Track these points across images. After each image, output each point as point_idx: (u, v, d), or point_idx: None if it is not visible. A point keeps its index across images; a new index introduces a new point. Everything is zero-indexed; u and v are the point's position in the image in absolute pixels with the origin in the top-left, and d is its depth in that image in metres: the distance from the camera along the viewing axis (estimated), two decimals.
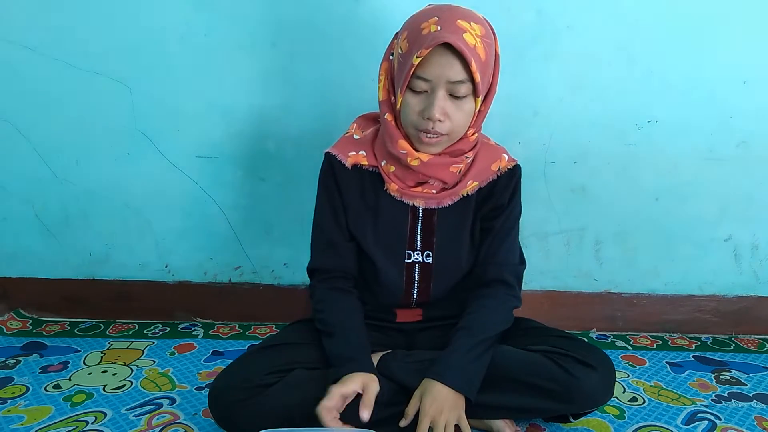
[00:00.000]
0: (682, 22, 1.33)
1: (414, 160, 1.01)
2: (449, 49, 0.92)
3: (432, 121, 0.96)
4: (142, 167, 1.44)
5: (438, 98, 0.95)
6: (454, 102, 0.96)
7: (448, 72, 0.93)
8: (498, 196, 1.10)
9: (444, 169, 1.03)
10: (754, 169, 1.43)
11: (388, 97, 1.04)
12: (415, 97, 0.97)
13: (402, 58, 0.98)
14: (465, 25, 0.93)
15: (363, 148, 1.08)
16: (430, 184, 1.05)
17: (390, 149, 1.03)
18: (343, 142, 1.11)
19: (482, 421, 1.07)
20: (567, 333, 1.12)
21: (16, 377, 1.25)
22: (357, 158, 1.07)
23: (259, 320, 1.56)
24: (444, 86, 0.95)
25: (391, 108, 1.03)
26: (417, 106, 0.97)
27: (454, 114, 0.97)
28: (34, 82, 1.37)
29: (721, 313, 1.54)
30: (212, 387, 0.98)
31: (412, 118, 0.98)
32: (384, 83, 1.04)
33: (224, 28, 1.34)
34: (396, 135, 1.02)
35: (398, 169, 1.05)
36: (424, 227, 1.09)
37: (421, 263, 1.10)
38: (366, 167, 1.08)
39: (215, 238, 1.50)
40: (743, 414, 1.16)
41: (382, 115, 1.04)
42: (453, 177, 1.05)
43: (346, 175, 1.08)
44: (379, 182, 1.08)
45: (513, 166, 1.11)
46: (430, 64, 0.93)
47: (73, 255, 1.52)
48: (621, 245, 1.50)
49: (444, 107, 0.96)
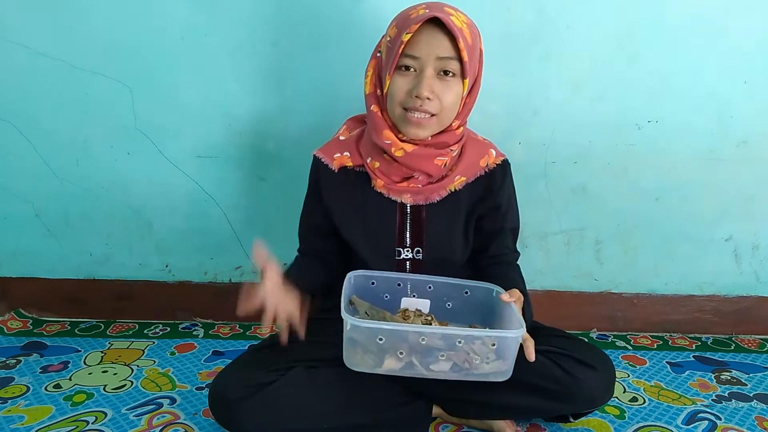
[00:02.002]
0: (682, 22, 1.33)
1: (398, 150, 1.01)
2: (438, 26, 0.94)
3: (420, 99, 0.96)
4: (142, 167, 1.44)
5: (427, 76, 0.96)
6: (442, 81, 0.97)
7: (436, 48, 0.95)
8: (495, 197, 1.10)
9: (429, 161, 1.03)
10: (754, 169, 1.43)
11: (374, 89, 1.04)
12: (404, 78, 0.98)
13: (390, 43, 0.99)
14: (452, 11, 0.97)
15: (347, 149, 1.09)
16: (415, 179, 1.05)
17: (375, 140, 1.03)
18: (329, 144, 1.12)
19: (483, 421, 1.07)
20: (567, 333, 1.12)
21: (16, 377, 1.25)
22: (342, 160, 1.08)
23: (259, 320, 1.55)
24: (432, 64, 0.96)
25: (377, 100, 1.04)
26: (406, 85, 0.98)
27: (443, 93, 0.97)
28: (34, 82, 1.37)
29: (722, 313, 1.54)
30: (212, 386, 0.98)
31: (401, 98, 0.98)
32: (371, 77, 1.04)
33: (224, 28, 1.34)
34: (381, 125, 1.02)
35: (383, 164, 1.05)
36: (413, 224, 1.09)
37: (411, 260, 1.10)
38: (352, 167, 1.09)
39: (215, 238, 1.50)
40: (743, 414, 1.16)
41: (368, 108, 1.04)
42: (438, 170, 1.05)
43: (330, 178, 1.09)
44: (366, 181, 1.08)
45: (501, 161, 1.11)
46: (419, 41, 0.95)
47: (74, 255, 1.52)
48: (621, 245, 1.50)
49: (432, 85, 0.96)
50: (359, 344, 0.87)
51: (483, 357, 0.87)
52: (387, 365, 0.87)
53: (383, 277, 1.04)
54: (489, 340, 0.86)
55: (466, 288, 1.04)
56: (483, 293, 1.03)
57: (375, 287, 1.04)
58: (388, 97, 1.00)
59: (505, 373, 0.88)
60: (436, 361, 0.87)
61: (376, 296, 1.03)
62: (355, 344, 0.87)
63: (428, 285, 1.04)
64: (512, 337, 0.86)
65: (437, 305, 1.03)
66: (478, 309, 1.03)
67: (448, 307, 1.04)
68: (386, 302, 1.04)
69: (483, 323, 1.02)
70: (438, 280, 1.05)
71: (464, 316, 1.03)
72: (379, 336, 0.85)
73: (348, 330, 0.85)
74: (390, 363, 0.86)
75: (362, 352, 0.87)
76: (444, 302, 1.04)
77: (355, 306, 1.00)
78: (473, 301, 1.04)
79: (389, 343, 0.85)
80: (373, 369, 0.87)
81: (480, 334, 0.87)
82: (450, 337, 0.86)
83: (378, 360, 0.87)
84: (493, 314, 1.01)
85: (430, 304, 1.03)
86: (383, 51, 1.02)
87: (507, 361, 0.87)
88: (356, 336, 0.86)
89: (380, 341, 0.85)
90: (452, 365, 0.87)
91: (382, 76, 1.02)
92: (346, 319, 0.85)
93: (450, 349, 0.86)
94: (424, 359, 0.87)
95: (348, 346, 0.87)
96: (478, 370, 0.87)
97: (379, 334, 0.85)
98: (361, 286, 1.03)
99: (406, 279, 1.05)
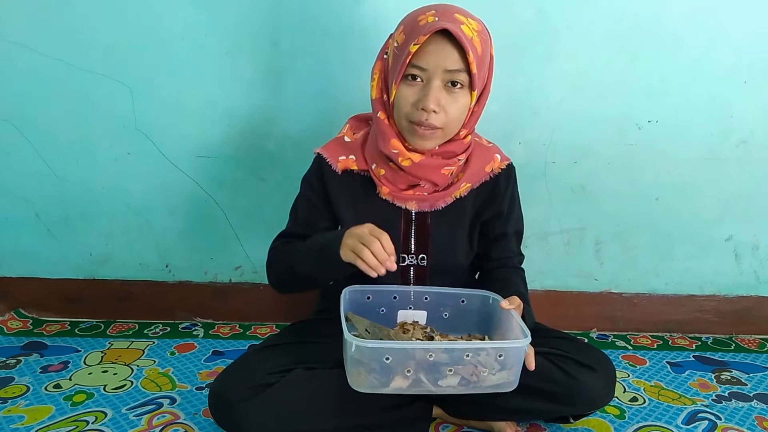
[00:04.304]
0: (682, 22, 1.33)
1: (405, 160, 1.00)
2: (447, 38, 0.92)
3: (426, 112, 0.95)
4: (142, 167, 1.44)
5: (433, 88, 0.94)
6: (449, 94, 0.96)
7: (444, 60, 0.93)
8: (499, 203, 1.10)
9: (435, 171, 1.02)
10: (754, 169, 1.43)
11: (381, 95, 1.03)
12: (410, 88, 0.96)
13: (398, 50, 0.97)
14: (462, 18, 0.94)
15: (353, 153, 1.07)
16: (421, 186, 1.05)
17: (382, 148, 1.02)
18: (334, 144, 1.10)
19: (484, 422, 1.07)
20: (567, 334, 1.12)
21: (16, 377, 1.25)
22: (347, 163, 1.07)
23: (259, 320, 1.56)
24: (440, 76, 0.94)
25: (383, 106, 1.02)
26: (412, 97, 0.96)
27: (449, 106, 0.96)
28: (34, 82, 1.37)
29: (722, 313, 1.54)
30: (212, 387, 0.98)
31: (406, 110, 0.97)
32: (377, 81, 1.03)
33: (224, 28, 1.34)
34: (389, 133, 1.00)
35: (389, 172, 1.04)
36: (417, 231, 1.08)
37: (415, 266, 1.10)
38: (357, 171, 1.08)
39: (215, 238, 1.50)
40: (744, 414, 1.16)
41: (375, 114, 1.03)
42: (444, 179, 1.04)
43: (335, 179, 1.07)
44: (371, 186, 1.07)
45: (506, 165, 1.11)
46: (427, 52, 0.93)
47: (74, 255, 1.52)
48: (621, 245, 1.50)
49: (439, 98, 0.95)
50: (364, 365, 0.84)
51: (490, 368, 0.86)
52: (395, 384, 0.85)
53: (378, 291, 1.02)
54: (495, 352, 0.86)
55: (462, 297, 1.03)
56: (479, 301, 1.03)
57: (370, 301, 1.02)
58: (394, 106, 0.99)
59: (511, 384, 0.88)
60: (443, 377, 0.85)
61: (371, 310, 1.02)
62: (359, 365, 0.84)
63: (424, 296, 1.03)
64: (519, 348, 0.86)
65: (434, 315, 1.03)
66: (475, 317, 1.03)
67: (445, 317, 1.04)
68: (382, 316, 1.02)
69: (481, 332, 1.02)
70: (434, 290, 1.03)
71: (462, 326, 1.03)
72: (386, 355, 0.83)
73: (353, 351, 0.82)
74: (398, 382, 0.85)
75: (367, 372, 0.84)
76: (441, 312, 1.03)
77: (353, 323, 0.98)
78: (470, 310, 1.03)
79: (396, 361, 0.83)
80: (380, 389, 0.85)
81: (486, 345, 0.87)
82: (457, 351, 0.85)
83: (385, 379, 0.84)
84: (491, 322, 1.00)
85: (427, 314, 1.02)
86: (390, 56, 1.00)
87: (513, 371, 0.87)
88: (361, 357, 0.83)
89: (387, 360, 0.83)
90: (460, 379, 0.86)
91: (388, 82, 1.00)
92: (350, 341, 0.82)
93: (457, 363, 0.85)
94: (431, 375, 0.85)
95: (352, 368, 0.85)
96: (485, 382, 0.86)
97: (386, 354, 0.83)
98: (356, 301, 1.01)
99: (401, 291, 1.03)
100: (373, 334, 0.97)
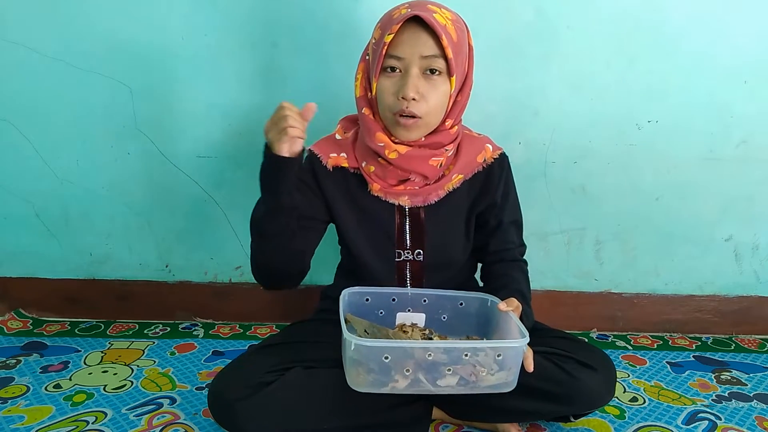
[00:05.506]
0: (681, 22, 1.33)
1: (392, 152, 1.01)
2: (420, 26, 0.94)
3: (407, 101, 0.96)
4: (142, 167, 1.44)
5: (411, 76, 0.96)
6: (428, 81, 0.97)
7: (420, 48, 0.95)
8: (493, 193, 1.10)
9: (423, 162, 1.03)
10: (754, 169, 1.43)
11: (365, 93, 1.04)
12: (389, 80, 0.98)
13: (375, 45, 0.99)
14: (435, 9, 0.96)
15: (344, 150, 1.08)
16: (412, 181, 1.05)
17: (368, 143, 1.03)
18: (325, 141, 1.11)
19: (488, 424, 1.07)
20: (567, 334, 1.12)
21: (16, 377, 1.25)
22: (338, 160, 1.08)
23: (259, 320, 1.56)
24: (417, 63, 0.96)
25: (367, 102, 1.04)
26: (392, 87, 0.98)
27: (429, 93, 0.97)
28: (34, 82, 1.37)
29: (722, 313, 1.54)
30: (212, 386, 0.98)
31: (388, 102, 0.98)
32: (360, 81, 1.05)
33: (224, 28, 1.34)
34: (374, 128, 1.01)
35: (378, 168, 1.05)
36: (412, 226, 1.09)
37: (411, 261, 1.10)
38: (348, 169, 1.08)
39: (215, 238, 1.50)
40: (744, 414, 1.16)
41: (360, 111, 1.04)
42: (434, 171, 1.04)
43: (327, 176, 1.08)
44: (363, 184, 1.08)
45: (499, 154, 1.11)
46: (402, 41, 0.95)
47: (74, 255, 1.52)
48: (621, 245, 1.50)
49: (418, 85, 0.96)
50: (363, 364, 0.84)
51: (488, 369, 0.86)
52: (393, 384, 0.85)
53: (377, 293, 1.03)
54: (493, 352, 0.86)
55: (461, 299, 1.04)
56: (478, 304, 1.03)
57: (369, 303, 1.03)
58: (377, 100, 1.00)
59: (510, 384, 0.88)
60: (442, 376, 0.86)
61: (370, 312, 1.02)
62: (358, 365, 0.85)
63: (423, 298, 1.03)
64: (516, 347, 0.86)
65: (432, 318, 1.03)
66: (473, 320, 1.03)
67: (443, 319, 1.04)
68: (381, 318, 1.02)
69: (479, 334, 1.02)
70: (432, 293, 1.04)
71: (460, 328, 1.03)
72: (385, 354, 0.83)
73: (352, 351, 0.83)
74: (397, 381, 0.85)
75: (366, 372, 0.85)
76: (439, 315, 1.04)
77: (352, 324, 0.98)
78: (468, 313, 1.03)
79: (395, 360, 0.84)
80: (379, 389, 0.86)
81: (484, 345, 0.87)
82: (456, 351, 0.85)
83: (384, 379, 0.85)
84: (490, 324, 1.01)
85: (426, 317, 1.02)
86: (370, 53, 1.02)
87: (512, 371, 0.87)
88: (360, 356, 0.84)
89: (386, 360, 0.83)
90: (459, 379, 0.86)
91: (370, 78, 1.02)
92: (350, 340, 0.82)
93: (456, 363, 0.85)
94: (430, 375, 0.86)
95: (351, 368, 0.85)
96: (484, 382, 0.86)
97: (385, 353, 0.83)
98: (355, 303, 1.01)
99: (400, 294, 1.03)
100: (372, 334, 0.97)
